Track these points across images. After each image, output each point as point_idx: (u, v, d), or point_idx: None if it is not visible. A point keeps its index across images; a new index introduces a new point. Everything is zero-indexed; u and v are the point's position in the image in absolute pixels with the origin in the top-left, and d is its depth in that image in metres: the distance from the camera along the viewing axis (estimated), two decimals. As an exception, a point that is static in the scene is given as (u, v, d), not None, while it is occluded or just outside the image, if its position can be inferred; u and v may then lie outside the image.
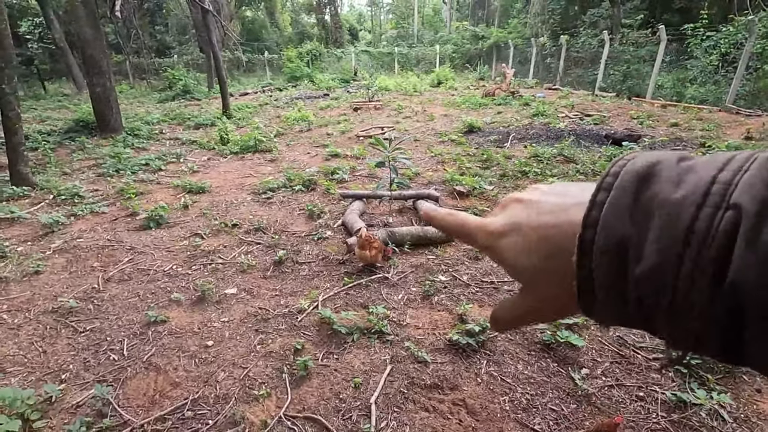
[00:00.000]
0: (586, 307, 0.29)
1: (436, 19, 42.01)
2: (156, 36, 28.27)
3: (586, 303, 0.29)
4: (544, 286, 0.32)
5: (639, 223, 0.26)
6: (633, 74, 13.57)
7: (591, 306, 0.29)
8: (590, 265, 0.27)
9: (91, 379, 2.49)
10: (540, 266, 0.31)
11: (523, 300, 0.35)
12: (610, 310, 0.28)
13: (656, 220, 0.25)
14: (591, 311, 0.29)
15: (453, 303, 3.14)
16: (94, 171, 7.01)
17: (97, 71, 9.36)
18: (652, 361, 2.50)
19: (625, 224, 0.26)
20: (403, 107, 12.97)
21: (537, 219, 0.32)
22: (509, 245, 0.33)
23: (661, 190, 0.26)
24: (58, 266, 3.87)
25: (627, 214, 0.26)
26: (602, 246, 0.27)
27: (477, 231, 0.35)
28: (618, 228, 0.26)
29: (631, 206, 0.26)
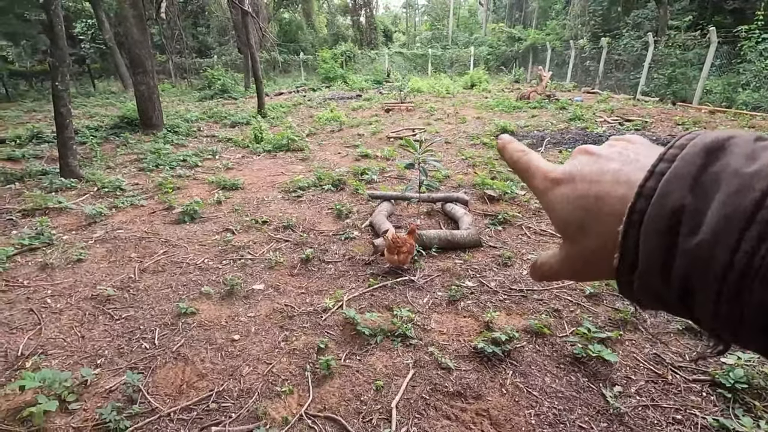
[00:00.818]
0: (624, 282, 0.28)
1: (471, 20, 41.53)
2: (198, 37, 29.33)
3: (624, 277, 0.27)
4: (586, 246, 0.31)
5: (701, 194, 0.24)
6: (679, 78, 12.91)
7: (629, 281, 0.27)
8: (637, 236, 0.26)
9: (124, 366, 2.59)
10: (587, 225, 0.30)
11: (562, 253, 0.34)
12: (651, 288, 0.26)
13: (722, 192, 0.23)
14: (629, 287, 0.28)
15: (479, 310, 3.07)
16: (136, 165, 7.33)
17: (142, 70, 9.79)
18: (692, 383, 2.35)
19: (683, 194, 0.24)
20: (435, 109, 12.88)
21: (598, 176, 0.30)
22: (562, 195, 0.32)
23: (733, 162, 0.24)
24: (98, 255, 4.06)
25: (688, 184, 0.24)
26: (654, 216, 0.25)
27: (537, 174, 0.35)
28: (675, 198, 0.24)
29: (695, 177, 0.24)
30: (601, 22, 20.32)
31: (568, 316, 2.98)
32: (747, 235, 0.21)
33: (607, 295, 3.19)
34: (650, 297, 0.27)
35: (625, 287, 0.28)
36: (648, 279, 0.26)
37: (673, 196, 0.25)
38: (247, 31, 12.86)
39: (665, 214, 0.24)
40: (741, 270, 0.21)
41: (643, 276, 0.26)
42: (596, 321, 2.88)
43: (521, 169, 0.37)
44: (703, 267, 0.23)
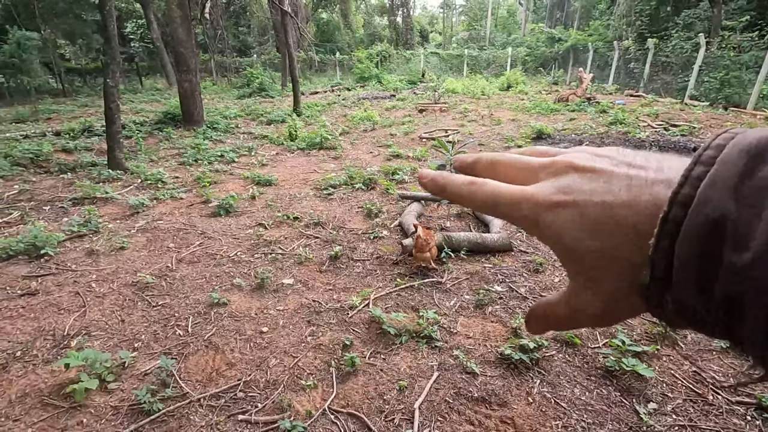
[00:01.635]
0: (653, 303, 0.24)
1: (510, 21, 40.74)
2: (239, 37, 30.26)
3: (655, 296, 0.24)
4: (605, 276, 0.26)
5: (749, 202, 0.21)
6: (732, 82, 12.16)
7: (660, 301, 0.24)
8: (670, 249, 0.22)
9: (159, 351, 2.70)
10: (606, 251, 0.25)
11: (577, 295, 0.28)
12: (686, 308, 0.23)
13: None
14: (659, 307, 0.24)
15: (508, 315, 3.01)
16: (177, 159, 7.64)
17: (186, 68, 10.20)
18: (735, 405, 2.21)
19: (727, 202, 0.21)
20: (469, 110, 12.72)
21: (605, 194, 0.26)
22: (565, 222, 0.27)
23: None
24: (139, 244, 4.26)
25: (732, 191, 0.21)
26: (692, 226, 0.22)
27: (520, 201, 0.28)
28: (716, 206, 0.21)
29: (738, 183, 0.21)
30: (648, 23, 19.42)
31: (601, 326, 2.86)
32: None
33: (645, 307, 3.05)
34: (685, 317, 0.24)
35: (655, 306, 0.24)
36: (683, 297, 0.23)
37: (715, 205, 0.21)
38: (285, 31, 13.15)
39: (706, 225, 0.21)
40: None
41: (678, 294, 0.23)
42: (631, 333, 2.76)
43: (486, 203, 0.29)
44: (758, 287, 0.20)
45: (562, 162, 0.29)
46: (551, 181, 0.28)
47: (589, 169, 0.27)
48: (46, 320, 3.02)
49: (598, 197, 0.26)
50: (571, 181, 0.27)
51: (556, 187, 0.27)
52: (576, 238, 0.26)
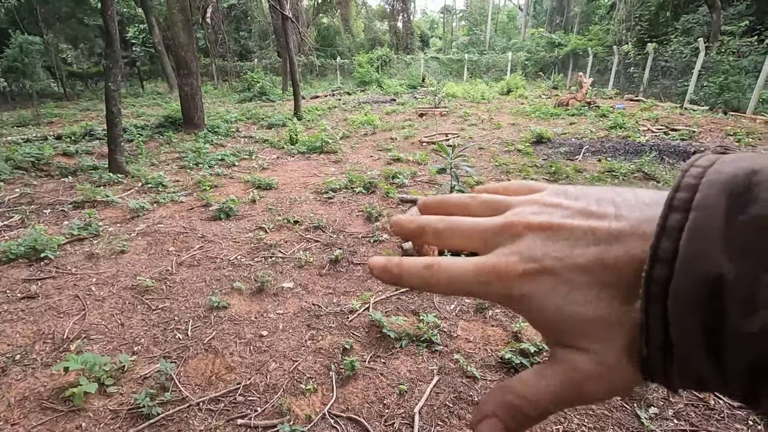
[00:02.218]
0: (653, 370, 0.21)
1: (510, 25, 40.94)
2: (240, 41, 30.39)
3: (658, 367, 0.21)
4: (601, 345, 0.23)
5: (740, 256, 0.18)
6: (731, 86, 12.19)
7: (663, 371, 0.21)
8: (662, 314, 0.20)
9: (158, 354, 2.70)
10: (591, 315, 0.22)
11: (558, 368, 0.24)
12: (697, 379, 0.21)
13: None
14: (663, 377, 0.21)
15: (508, 320, 3.00)
16: (177, 163, 7.65)
17: (186, 72, 10.25)
18: (737, 410, 2.20)
19: (719, 258, 0.19)
20: (469, 114, 12.75)
21: (573, 256, 0.23)
22: (543, 292, 0.23)
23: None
24: (140, 248, 4.26)
25: (720, 243, 0.19)
26: (683, 288, 0.19)
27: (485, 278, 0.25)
28: (707, 264, 0.19)
29: (725, 232, 0.19)
30: (648, 27, 19.50)
31: (601, 331, 2.86)
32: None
33: (645, 311, 3.05)
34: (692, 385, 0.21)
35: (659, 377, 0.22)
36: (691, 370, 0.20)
37: (704, 261, 0.19)
38: (286, 35, 13.21)
39: (699, 286, 0.19)
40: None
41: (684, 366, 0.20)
42: (632, 338, 2.75)
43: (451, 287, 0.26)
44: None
45: (513, 223, 0.25)
46: (509, 247, 0.25)
47: (546, 226, 0.24)
48: (46, 324, 3.01)
49: (568, 260, 0.23)
50: (531, 243, 0.24)
51: (518, 254, 0.24)
52: (559, 306, 0.23)
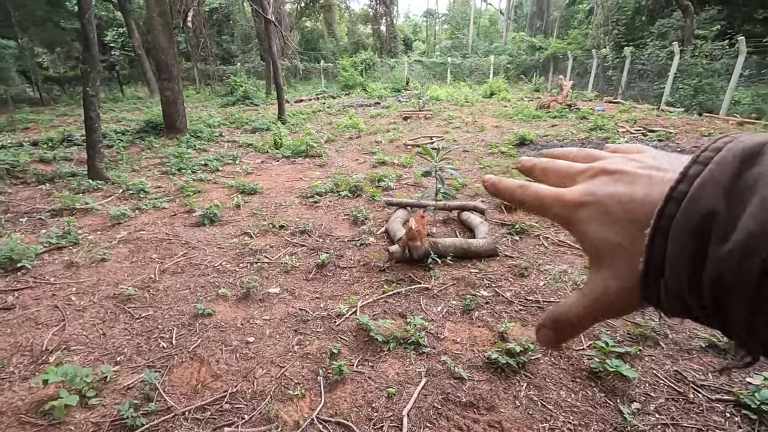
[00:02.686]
0: (650, 291, 0.26)
1: (492, 29, 41.48)
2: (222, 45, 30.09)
3: (650, 286, 0.26)
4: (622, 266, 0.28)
5: (734, 200, 0.23)
6: (705, 88, 12.59)
7: (656, 290, 0.26)
8: (664, 241, 0.25)
9: (142, 364, 2.65)
10: (621, 242, 0.28)
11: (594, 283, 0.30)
12: (678, 297, 0.25)
13: (757, 196, 0.22)
14: (655, 296, 0.26)
15: (494, 320, 3.04)
16: (159, 169, 7.53)
17: (167, 76, 10.10)
18: (715, 403, 2.27)
19: (716, 200, 0.23)
20: (453, 117, 12.87)
21: (623, 191, 0.29)
22: (589, 217, 0.30)
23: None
24: (121, 255, 4.18)
25: (721, 190, 0.23)
26: (684, 220, 0.24)
27: (554, 202, 0.33)
28: (707, 203, 0.24)
29: (729, 182, 0.23)
30: (625, 32, 20.00)
31: (585, 329, 2.91)
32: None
33: (627, 308, 3.11)
34: (677, 306, 0.26)
35: (651, 295, 0.26)
36: (675, 287, 0.25)
37: (705, 201, 0.24)
38: (269, 39, 13.16)
39: (695, 219, 0.24)
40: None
41: (670, 283, 0.25)
42: (614, 335, 2.81)
43: (531, 203, 0.35)
44: (736, 277, 0.22)
45: (596, 167, 0.32)
46: (584, 183, 0.32)
47: (618, 171, 0.30)
48: (23, 335, 2.93)
49: (617, 196, 0.29)
50: (600, 182, 0.31)
51: (585, 189, 0.31)
52: (597, 230, 0.29)
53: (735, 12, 16.69)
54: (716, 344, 2.66)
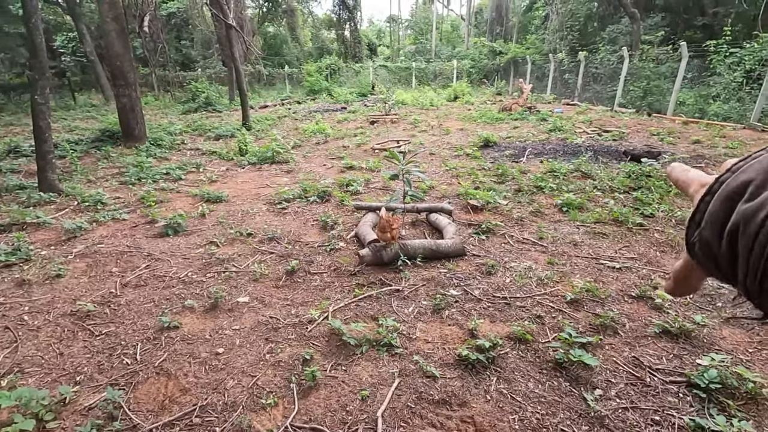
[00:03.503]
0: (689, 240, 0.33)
1: (454, 35, 42.36)
2: (181, 50, 29.22)
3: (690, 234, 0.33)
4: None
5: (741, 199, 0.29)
6: (653, 90, 13.38)
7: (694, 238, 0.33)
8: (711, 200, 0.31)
9: (104, 382, 2.53)
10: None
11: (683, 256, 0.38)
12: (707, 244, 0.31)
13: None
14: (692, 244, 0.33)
15: (464, 318, 3.11)
16: (117, 179, 7.23)
17: (123, 83, 9.72)
18: (669, 385, 2.42)
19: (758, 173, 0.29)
20: (419, 121, 13.05)
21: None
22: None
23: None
24: (78, 270, 3.98)
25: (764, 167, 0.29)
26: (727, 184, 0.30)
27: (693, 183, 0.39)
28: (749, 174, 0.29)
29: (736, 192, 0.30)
30: (579, 37, 20.97)
31: (550, 322, 3.04)
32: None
33: (588, 300, 3.27)
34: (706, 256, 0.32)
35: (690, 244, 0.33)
36: (705, 235, 0.31)
37: (751, 172, 0.29)
38: (231, 44, 12.92)
39: (737, 184, 0.30)
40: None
41: (703, 232, 0.31)
42: (577, 326, 2.94)
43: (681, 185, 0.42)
44: (745, 226, 0.27)
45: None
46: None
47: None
48: (-29, 360, 2.74)
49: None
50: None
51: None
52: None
53: (677, 19, 17.85)
54: (669, 330, 2.84)
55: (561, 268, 3.80)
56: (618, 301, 3.26)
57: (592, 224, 4.70)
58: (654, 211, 4.89)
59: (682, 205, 5.02)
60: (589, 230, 4.57)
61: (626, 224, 4.61)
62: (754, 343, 2.74)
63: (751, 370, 2.44)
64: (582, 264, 3.88)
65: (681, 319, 2.90)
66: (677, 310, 3.11)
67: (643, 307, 3.18)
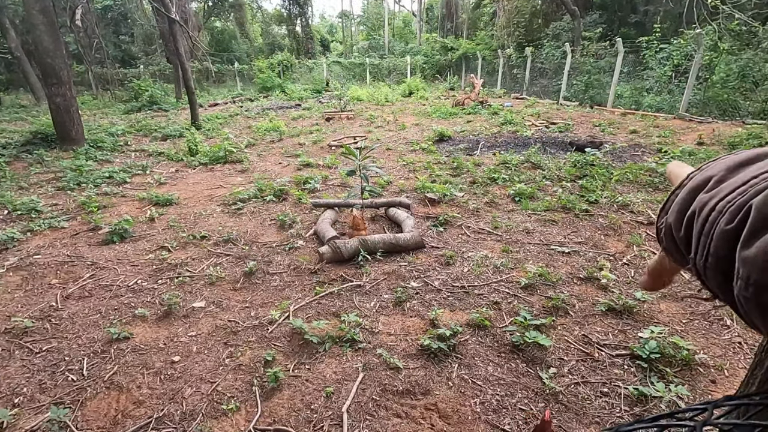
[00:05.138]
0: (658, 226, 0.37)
1: (406, 30, 42.70)
2: (120, 46, 27.53)
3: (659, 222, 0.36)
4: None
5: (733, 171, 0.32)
6: (594, 84, 14.16)
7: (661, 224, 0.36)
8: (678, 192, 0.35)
9: (47, 402, 2.36)
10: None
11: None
12: (670, 230, 0.35)
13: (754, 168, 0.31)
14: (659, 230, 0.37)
15: (425, 308, 3.16)
16: (53, 185, 6.71)
17: (56, 81, 9.02)
18: (616, 358, 2.59)
19: (720, 170, 0.32)
20: (375, 117, 13.07)
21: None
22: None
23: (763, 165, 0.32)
24: (12, 284, 3.67)
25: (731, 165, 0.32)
26: (693, 178, 0.34)
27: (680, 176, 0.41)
28: (715, 170, 0.33)
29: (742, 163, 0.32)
30: (525, 33, 21.77)
31: (506, 307, 3.16)
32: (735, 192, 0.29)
33: (541, 285, 3.43)
34: (669, 240, 0.35)
35: (658, 229, 0.37)
36: (669, 221, 0.34)
37: (714, 170, 0.33)
38: (175, 40, 12.31)
39: (701, 179, 0.33)
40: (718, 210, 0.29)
41: (668, 218, 0.35)
42: (531, 310, 3.08)
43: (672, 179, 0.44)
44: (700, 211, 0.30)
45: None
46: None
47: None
48: None
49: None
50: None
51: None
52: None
53: (613, 16, 18.98)
54: (614, 308, 3.04)
55: (515, 256, 3.96)
56: (568, 284, 3.45)
57: (542, 212, 4.93)
58: (598, 197, 5.19)
59: (623, 191, 5.37)
60: (540, 218, 4.79)
61: (573, 211, 4.86)
62: (687, 314, 2.99)
63: (685, 339, 2.66)
64: (534, 250, 4.06)
65: (624, 297, 3.11)
66: (620, 288, 3.33)
67: (591, 288, 3.38)
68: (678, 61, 11.68)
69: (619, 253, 3.91)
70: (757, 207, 0.26)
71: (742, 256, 0.26)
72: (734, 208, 0.28)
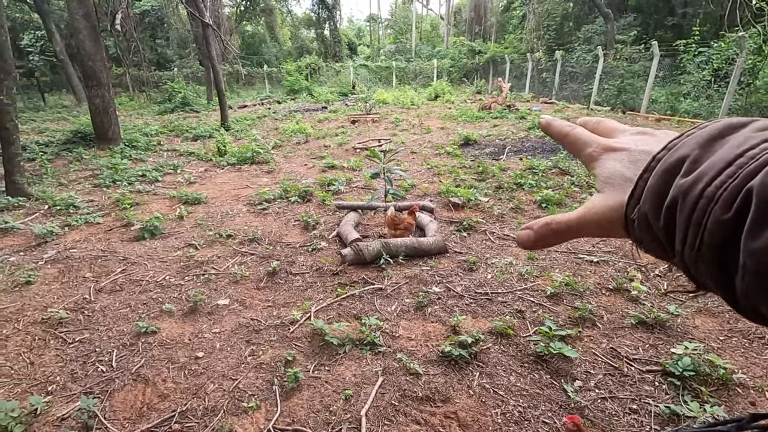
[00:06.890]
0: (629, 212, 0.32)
1: (433, 34, 42.61)
2: (156, 49, 28.56)
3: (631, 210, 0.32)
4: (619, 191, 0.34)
5: (707, 148, 0.29)
6: (627, 89, 13.73)
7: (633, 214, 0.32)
8: (649, 177, 0.31)
9: (78, 391, 2.45)
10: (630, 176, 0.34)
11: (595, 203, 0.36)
12: (646, 222, 0.31)
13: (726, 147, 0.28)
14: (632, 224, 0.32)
15: (446, 314, 3.12)
16: (91, 182, 7.01)
17: (96, 83, 9.44)
18: (646, 374, 2.48)
19: (694, 148, 0.29)
20: (400, 120, 13.07)
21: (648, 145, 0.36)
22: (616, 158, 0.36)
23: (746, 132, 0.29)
24: (49, 277, 3.84)
25: (702, 141, 0.29)
26: (665, 160, 0.30)
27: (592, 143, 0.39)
28: (686, 149, 0.30)
29: (711, 138, 0.29)
30: (555, 36, 21.36)
31: (530, 316, 3.08)
32: (723, 174, 0.26)
33: (567, 294, 3.33)
34: (645, 231, 0.31)
35: (629, 224, 0.32)
36: (645, 209, 0.30)
37: (685, 148, 0.30)
38: (208, 43, 12.68)
39: (673, 160, 0.30)
40: (708, 197, 0.26)
41: (642, 207, 0.31)
42: (557, 320, 2.99)
43: (571, 141, 0.41)
44: (683, 199, 0.27)
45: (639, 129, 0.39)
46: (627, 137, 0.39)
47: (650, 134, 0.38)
48: (-66, 373, 2.62)
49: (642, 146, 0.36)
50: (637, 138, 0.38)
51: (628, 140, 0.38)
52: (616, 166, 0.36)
53: (648, 19, 18.36)
54: (645, 321, 2.91)
55: (541, 263, 3.86)
56: (596, 294, 3.33)
57: (570, 219, 4.78)
58: (629, 205, 5.00)
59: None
60: (568, 225, 4.65)
61: (603, 219, 4.70)
62: (724, 331, 2.84)
63: (722, 357, 2.52)
64: (561, 258, 3.95)
65: (656, 310, 2.98)
66: (652, 301, 3.19)
67: (620, 299, 3.25)
68: (718, 65, 11.19)
69: (651, 264, 3.76)
70: (758, 194, 0.24)
71: (752, 249, 0.23)
72: (727, 195, 0.25)
